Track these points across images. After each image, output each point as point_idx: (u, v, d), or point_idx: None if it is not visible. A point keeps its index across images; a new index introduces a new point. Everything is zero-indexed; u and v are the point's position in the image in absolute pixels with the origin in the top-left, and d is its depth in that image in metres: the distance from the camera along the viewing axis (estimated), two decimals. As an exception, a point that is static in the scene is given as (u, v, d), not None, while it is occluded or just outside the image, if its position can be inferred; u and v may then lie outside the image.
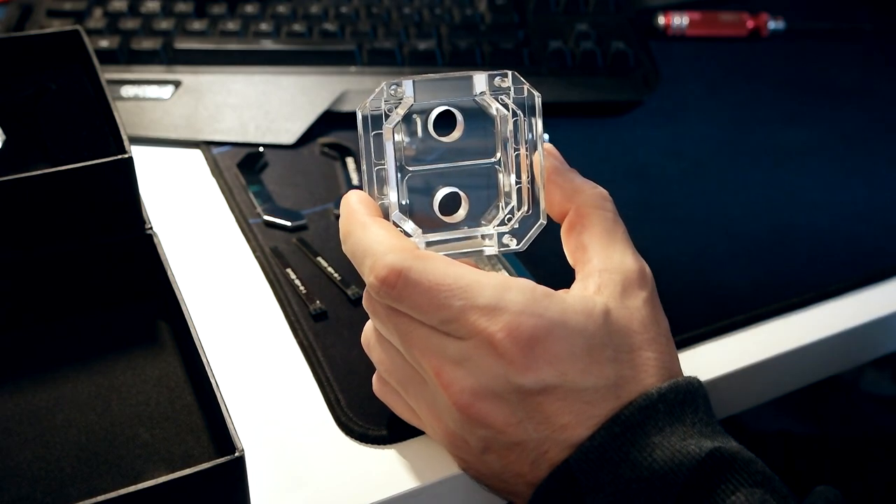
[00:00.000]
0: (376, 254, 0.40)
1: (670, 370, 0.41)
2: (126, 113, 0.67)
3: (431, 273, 0.39)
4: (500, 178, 0.44)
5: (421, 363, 0.41)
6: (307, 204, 0.62)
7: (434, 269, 0.39)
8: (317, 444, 0.47)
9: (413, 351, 0.41)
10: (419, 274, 0.39)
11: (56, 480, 0.44)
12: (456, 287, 0.39)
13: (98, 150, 0.51)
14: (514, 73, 0.43)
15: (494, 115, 0.43)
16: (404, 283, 0.39)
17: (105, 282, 0.52)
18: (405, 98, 0.43)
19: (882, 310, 0.58)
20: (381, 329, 0.43)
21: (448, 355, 0.39)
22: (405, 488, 0.46)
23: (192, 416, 0.48)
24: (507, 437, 0.40)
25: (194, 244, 0.59)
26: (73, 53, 0.58)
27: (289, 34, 0.74)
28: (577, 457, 0.39)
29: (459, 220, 0.44)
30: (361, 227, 0.41)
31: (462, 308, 0.39)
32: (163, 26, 0.73)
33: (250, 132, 0.67)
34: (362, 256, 0.41)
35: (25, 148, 0.54)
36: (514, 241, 0.44)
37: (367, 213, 0.42)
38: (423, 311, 0.39)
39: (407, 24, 0.76)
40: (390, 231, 0.41)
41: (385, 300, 0.40)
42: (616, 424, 0.39)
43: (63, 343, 0.51)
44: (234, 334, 0.53)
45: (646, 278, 0.42)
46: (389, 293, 0.39)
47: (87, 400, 0.48)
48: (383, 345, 0.44)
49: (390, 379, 0.44)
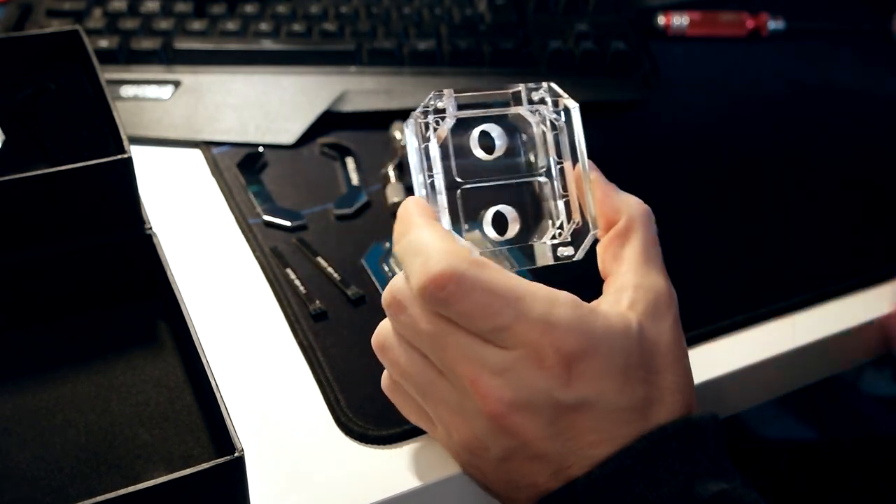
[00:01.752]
0: (431, 255, 0.39)
1: (688, 397, 0.42)
2: (126, 113, 0.67)
3: (486, 280, 0.39)
4: (547, 191, 0.44)
5: (454, 369, 0.40)
6: (307, 204, 0.62)
7: (489, 276, 0.39)
8: (316, 444, 0.47)
9: (445, 356, 0.40)
10: (474, 280, 0.39)
11: (56, 480, 0.44)
12: (510, 297, 0.39)
13: (98, 150, 0.51)
14: (549, 85, 0.44)
15: (534, 132, 0.44)
16: (457, 287, 0.38)
17: (105, 282, 0.52)
18: (448, 113, 0.43)
19: (882, 310, 0.58)
20: (404, 331, 0.42)
21: (488, 364, 0.39)
22: (405, 488, 0.46)
23: (192, 416, 0.48)
24: (533, 448, 0.40)
25: (194, 244, 0.59)
26: (73, 53, 0.58)
27: (289, 34, 0.74)
28: (585, 481, 0.39)
29: (511, 236, 0.44)
30: (418, 228, 0.41)
31: (514, 318, 0.39)
32: (162, 26, 0.73)
33: (250, 132, 0.67)
34: (414, 255, 0.40)
35: (25, 148, 0.54)
36: (569, 249, 0.44)
37: (425, 216, 0.42)
38: (471, 318, 0.39)
39: (407, 24, 0.76)
40: (446, 236, 0.41)
41: (430, 302, 0.39)
42: (628, 457, 0.39)
43: (63, 343, 0.51)
44: (234, 334, 0.53)
45: (674, 301, 0.43)
46: (437, 295, 0.39)
47: (87, 400, 0.48)
48: (403, 346, 0.43)
49: (406, 381, 0.43)
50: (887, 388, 0.98)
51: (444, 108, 0.43)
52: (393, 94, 0.70)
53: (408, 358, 0.42)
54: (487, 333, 0.39)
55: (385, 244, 0.59)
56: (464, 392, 0.40)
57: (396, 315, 0.42)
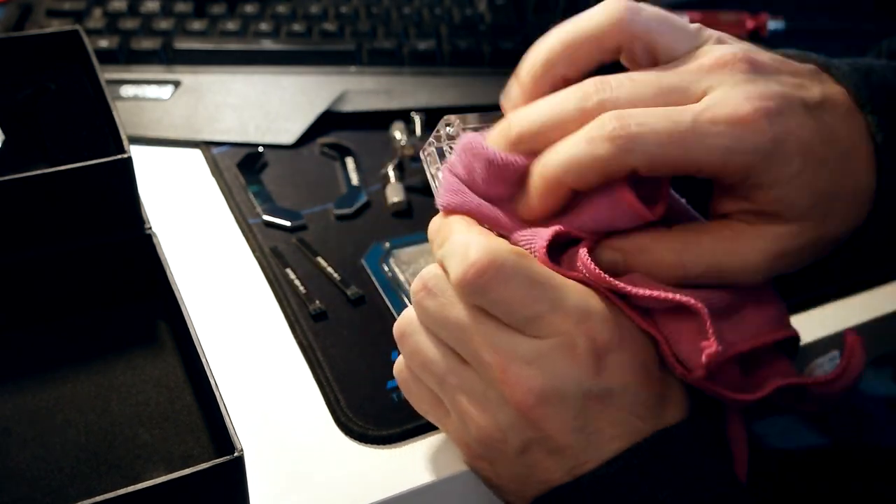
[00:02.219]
0: (472, 244, 0.40)
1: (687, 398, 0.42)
2: (126, 113, 0.67)
3: (527, 269, 0.39)
4: None
5: (482, 358, 0.40)
6: (307, 204, 0.62)
7: (529, 266, 0.40)
8: (316, 444, 0.47)
9: (473, 345, 0.40)
10: (515, 268, 0.39)
11: (56, 480, 0.44)
12: (548, 286, 0.39)
13: (97, 150, 0.51)
14: None
15: None
16: (498, 273, 0.39)
17: (105, 282, 0.52)
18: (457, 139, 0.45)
19: (882, 310, 0.58)
20: (430, 318, 0.42)
21: (519, 353, 0.39)
22: (405, 488, 0.46)
23: (192, 416, 0.48)
24: (555, 441, 0.40)
25: (194, 244, 0.59)
26: (73, 53, 0.58)
27: (289, 34, 0.74)
28: (590, 478, 0.39)
29: None
30: (459, 230, 0.41)
31: (551, 308, 0.39)
32: (162, 26, 0.73)
33: (250, 132, 0.67)
34: (456, 245, 0.40)
35: (25, 148, 0.54)
36: None
37: (464, 221, 0.42)
38: (508, 306, 0.39)
39: (407, 24, 0.76)
40: (487, 233, 0.41)
41: (469, 289, 0.39)
42: (636, 455, 0.39)
43: (63, 343, 0.51)
44: (234, 334, 0.53)
45: None
46: (478, 282, 0.39)
47: (87, 400, 0.48)
48: (427, 334, 0.43)
49: (425, 370, 0.43)
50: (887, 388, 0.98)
51: (454, 134, 0.45)
52: (393, 94, 0.70)
53: (431, 345, 0.42)
54: (521, 322, 0.39)
55: (385, 244, 0.59)
56: (489, 381, 0.40)
57: (424, 302, 0.42)
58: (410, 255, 0.58)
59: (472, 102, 0.70)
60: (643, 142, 0.38)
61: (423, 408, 0.45)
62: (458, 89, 0.71)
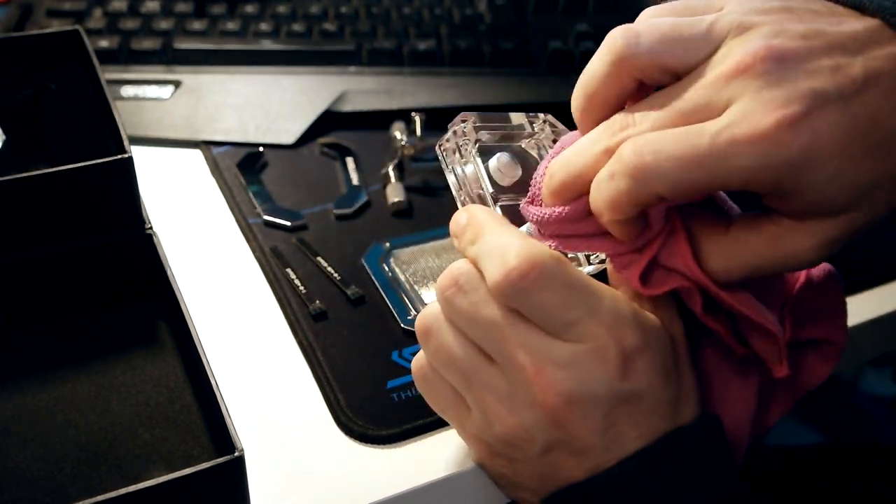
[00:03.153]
0: (511, 246, 0.40)
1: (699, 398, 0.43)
2: (126, 113, 0.67)
3: (566, 274, 0.40)
4: None
5: (513, 359, 0.40)
6: (307, 204, 0.62)
7: (568, 271, 0.40)
8: (317, 444, 0.47)
9: (505, 345, 0.40)
10: (555, 272, 0.39)
11: (56, 480, 0.44)
12: (586, 292, 0.40)
13: (98, 150, 0.51)
14: (545, 118, 0.47)
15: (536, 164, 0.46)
16: (539, 276, 0.39)
17: (105, 282, 0.52)
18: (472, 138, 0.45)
19: (882, 310, 0.58)
20: (458, 315, 0.42)
21: (552, 356, 0.39)
22: (405, 488, 0.46)
23: (192, 416, 0.48)
24: (580, 442, 0.40)
25: (194, 244, 0.59)
26: (73, 53, 0.58)
27: (289, 34, 0.74)
28: (603, 478, 0.40)
29: None
30: (493, 230, 0.41)
31: (587, 313, 0.39)
32: (163, 26, 0.73)
33: (250, 132, 0.67)
34: (494, 247, 0.40)
35: (25, 148, 0.54)
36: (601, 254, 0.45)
37: (496, 220, 0.42)
38: (545, 309, 0.39)
39: (407, 24, 0.76)
40: (523, 235, 0.41)
41: (510, 291, 0.39)
42: (647, 456, 0.40)
43: (63, 343, 0.51)
44: (234, 334, 0.53)
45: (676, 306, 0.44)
46: (520, 284, 0.39)
47: (87, 400, 0.48)
48: (452, 331, 0.42)
49: (449, 367, 0.43)
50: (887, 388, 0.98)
51: (468, 132, 0.45)
52: (393, 94, 0.70)
53: (457, 343, 0.42)
54: (556, 326, 0.40)
55: (385, 244, 0.59)
56: (517, 382, 0.40)
57: (455, 299, 0.41)
58: (411, 255, 0.58)
59: (472, 102, 0.70)
60: (661, 170, 0.37)
61: (441, 405, 0.44)
62: (458, 89, 0.71)
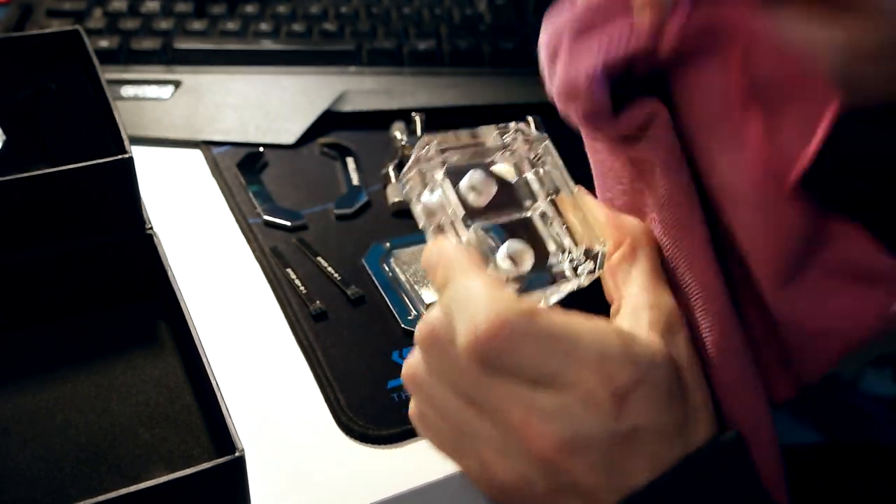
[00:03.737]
0: (479, 306, 0.38)
1: (712, 415, 0.41)
2: (126, 113, 0.67)
3: (537, 330, 0.38)
4: (548, 223, 0.44)
5: (500, 412, 0.39)
6: (307, 204, 0.62)
7: (538, 324, 0.38)
8: (317, 444, 0.47)
9: (490, 399, 0.39)
10: (525, 331, 0.37)
11: (56, 480, 0.44)
12: (562, 342, 0.38)
13: (98, 150, 0.51)
14: (516, 127, 0.45)
15: (513, 179, 0.44)
16: (508, 335, 0.37)
17: (105, 282, 0.52)
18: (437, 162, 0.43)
19: (882, 310, 0.58)
20: (440, 370, 0.40)
21: (538, 407, 0.38)
22: (405, 488, 0.46)
23: (192, 416, 0.48)
24: (583, 485, 0.39)
25: (194, 244, 0.59)
26: (73, 53, 0.58)
27: (288, 34, 0.74)
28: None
29: (527, 269, 0.44)
30: (467, 267, 0.40)
31: (566, 363, 0.38)
32: (163, 26, 0.73)
33: (250, 132, 0.67)
34: (461, 307, 0.38)
35: (25, 148, 0.54)
36: (589, 264, 0.44)
37: (464, 260, 0.40)
38: (522, 366, 0.38)
39: (407, 24, 0.76)
40: (491, 282, 0.39)
41: (479, 356, 0.38)
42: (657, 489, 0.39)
43: (63, 343, 0.51)
44: (234, 334, 0.53)
45: (682, 316, 0.42)
46: (488, 346, 0.37)
47: (87, 400, 0.48)
48: (438, 384, 0.41)
49: (441, 419, 0.41)
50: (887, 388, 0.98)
51: (431, 157, 0.43)
52: (393, 94, 0.70)
53: (443, 396, 0.41)
54: (538, 378, 0.38)
55: (385, 244, 0.59)
56: (509, 434, 0.39)
57: (431, 354, 0.40)
58: (411, 255, 0.58)
59: (472, 102, 0.70)
60: None
61: (444, 449, 0.43)
62: (458, 89, 0.71)
